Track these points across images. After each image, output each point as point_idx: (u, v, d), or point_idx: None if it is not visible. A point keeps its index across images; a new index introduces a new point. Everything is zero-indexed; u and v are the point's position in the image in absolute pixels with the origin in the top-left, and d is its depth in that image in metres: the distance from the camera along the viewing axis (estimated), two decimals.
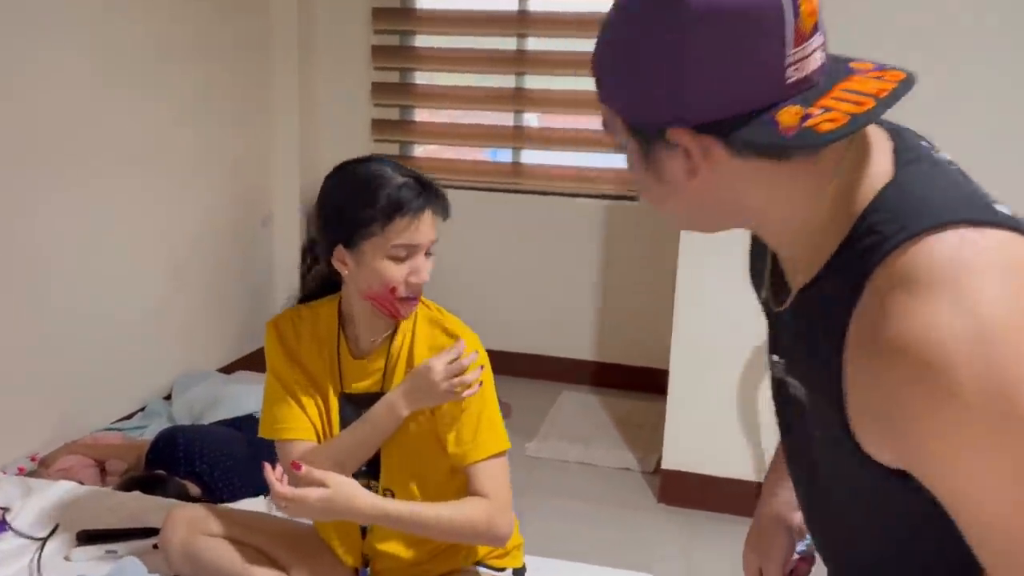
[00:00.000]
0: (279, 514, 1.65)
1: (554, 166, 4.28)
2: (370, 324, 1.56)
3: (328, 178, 1.56)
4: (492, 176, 4.32)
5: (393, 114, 4.43)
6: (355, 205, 1.48)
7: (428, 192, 1.49)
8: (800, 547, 1.24)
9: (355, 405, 1.59)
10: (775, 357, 0.98)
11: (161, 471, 2.53)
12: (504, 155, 4.37)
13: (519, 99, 4.25)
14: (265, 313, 4.43)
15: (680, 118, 0.80)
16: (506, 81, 4.25)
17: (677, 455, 3.21)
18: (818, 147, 0.79)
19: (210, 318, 3.98)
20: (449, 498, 1.57)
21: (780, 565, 1.21)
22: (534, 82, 4.22)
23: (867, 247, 0.77)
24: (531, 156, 4.33)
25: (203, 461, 2.57)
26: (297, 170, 4.35)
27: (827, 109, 0.78)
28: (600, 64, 0.89)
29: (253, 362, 4.26)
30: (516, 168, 4.32)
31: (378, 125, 4.41)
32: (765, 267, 1.00)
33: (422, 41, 4.36)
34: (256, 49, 4.13)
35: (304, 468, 1.39)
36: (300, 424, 1.59)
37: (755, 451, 3.11)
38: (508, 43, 4.21)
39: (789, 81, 0.78)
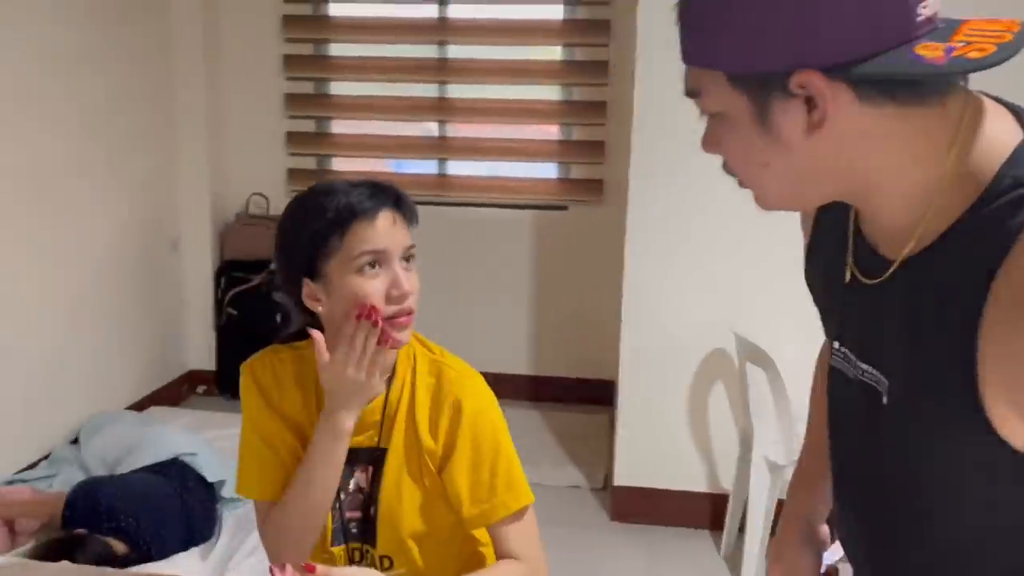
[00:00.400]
0: None
1: (481, 177, 4.16)
2: None
3: (282, 214, 1.39)
4: (417, 188, 4.15)
5: (309, 126, 4.22)
6: (306, 225, 1.32)
7: (383, 193, 1.33)
8: (827, 559, 1.20)
9: (348, 463, 1.40)
10: (839, 346, 0.93)
11: (81, 530, 2.28)
12: (429, 167, 4.22)
13: (443, 109, 4.12)
14: (177, 344, 4.15)
15: (806, 61, 0.75)
16: (428, 90, 4.10)
17: (628, 471, 3.14)
18: (972, 71, 0.75)
19: (117, 352, 3.69)
20: (452, 558, 1.42)
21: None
22: (457, 91, 4.09)
23: (1016, 199, 0.74)
24: (457, 167, 4.20)
25: (128, 515, 2.33)
26: (207, 188, 4.09)
27: (967, 43, 0.74)
28: (695, 19, 0.82)
29: (166, 398, 3.99)
30: (441, 180, 4.18)
31: (293, 138, 4.20)
32: (844, 246, 0.92)
33: (337, 50, 4.16)
34: (156, 59, 3.85)
35: (319, 569, 1.21)
36: (280, 483, 1.40)
37: (707, 462, 3.06)
38: (429, 51, 4.06)
39: (919, 18, 0.75)
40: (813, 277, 1.04)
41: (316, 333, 1.30)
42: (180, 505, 2.52)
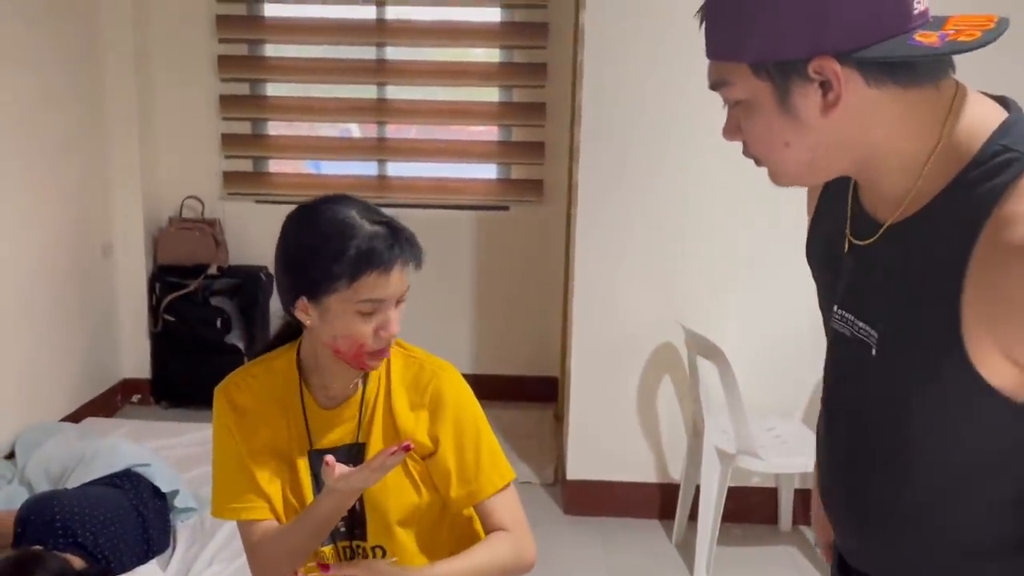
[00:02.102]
0: None
1: (421, 178, 4.17)
2: (341, 370, 1.40)
3: (290, 220, 1.39)
4: (356, 190, 4.09)
5: (245, 128, 4.15)
6: (320, 258, 1.32)
7: (400, 242, 1.34)
8: None
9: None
10: (837, 309, 1.04)
11: (37, 547, 2.20)
12: (368, 168, 4.21)
13: (382, 110, 4.11)
14: (111, 353, 4.03)
15: (822, 48, 0.86)
16: (367, 92, 4.09)
17: (580, 464, 3.20)
18: (964, 52, 0.87)
19: (48, 362, 3.56)
20: (445, 537, 1.47)
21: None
22: (396, 92, 4.08)
23: (1004, 161, 0.86)
24: (396, 168, 4.19)
25: (86, 529, 2.27)
26: (139, 192, 3.97)
27: (956, 30, 0.87)
28: (720, 19, 0.92)
29: (100, 408, 3.86)
30: (381, 181, 4.17)
31: (229, 140, 4.12)
32: (844, 222, 1.04)
33: (273, 51, 4.11)
34: (84, 59, 3.73)
35: (332, 568, 1.23)
36: (258, 502, 1.43)
37: (657, 453, 3.16)
38: (367, 53, 4.05)
39: (915, 11, 0.87)
40: (814, 251, 1.14)
41: (330, 459, 1.29)
42: (137, 517, 2.46)
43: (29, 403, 3.39)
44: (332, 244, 1.31)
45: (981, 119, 0.90)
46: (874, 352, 0.97)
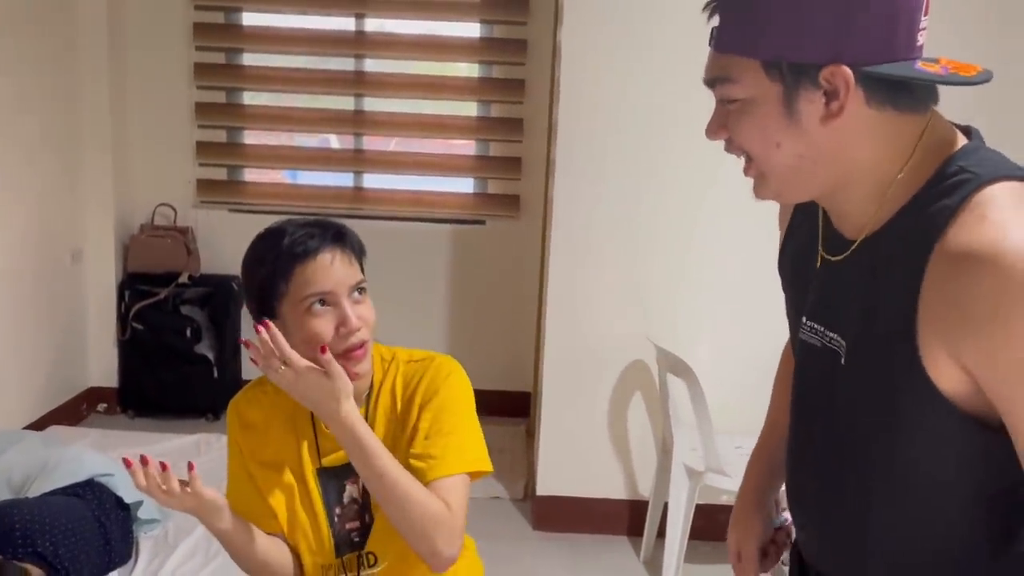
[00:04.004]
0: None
1: (397, 190, 4.16)
2: None
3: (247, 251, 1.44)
4: (332, 201, 4.13)
5: (220, 136, 4.12)
6: (257, 268, 1.38)
7: (326, 231, 1.37)
8: (777, 521, 1.34)
9: (339, 478, 1.42)
10: (807, 321, 1.07)
11: None
12: (345, 179, 4.20)
13: (359, 122, 4.10)
14: (78, 360, 3.97)
15: (840, 57, 0.88)
16: (345, 103, 4.08)
17: (550, 480, 3.20)
18: (965, 85, 0.91)
19: (13, 368, 3.50)
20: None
21: (757, 541, 1.32)
22: (374, 104, 4.08)
23: (959, 181, 0.90)
24: (373, 180, 4.19)
25: (46, 539, 2.22)
26: (111, 198, 3.94)
27: (952, 67, 0.91)
28: (736, 12, 0.92)
29: (65, 416, 3.80)
30: (358, 193, 4.16)
31: (204, 148, 4.09)
32: (815, 238, 1.07)
33: (251, 60, 4.09)
34: (59, 63, 3.69)
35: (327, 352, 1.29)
36: (264, 515, 1.44)
37: (626, 470, 3.16)
38: (346, 64, 4.05)
39: (918, 44, 0.90)
40: (785, 266, 1.17)
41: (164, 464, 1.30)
42: (98, 528, 2.41)
43: None
44: (262, 258, 1.36)
45: (946, 143, 0.95)
46: (843, 361, 1.00)
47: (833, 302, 1.03)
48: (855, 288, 0.99)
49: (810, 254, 1.07)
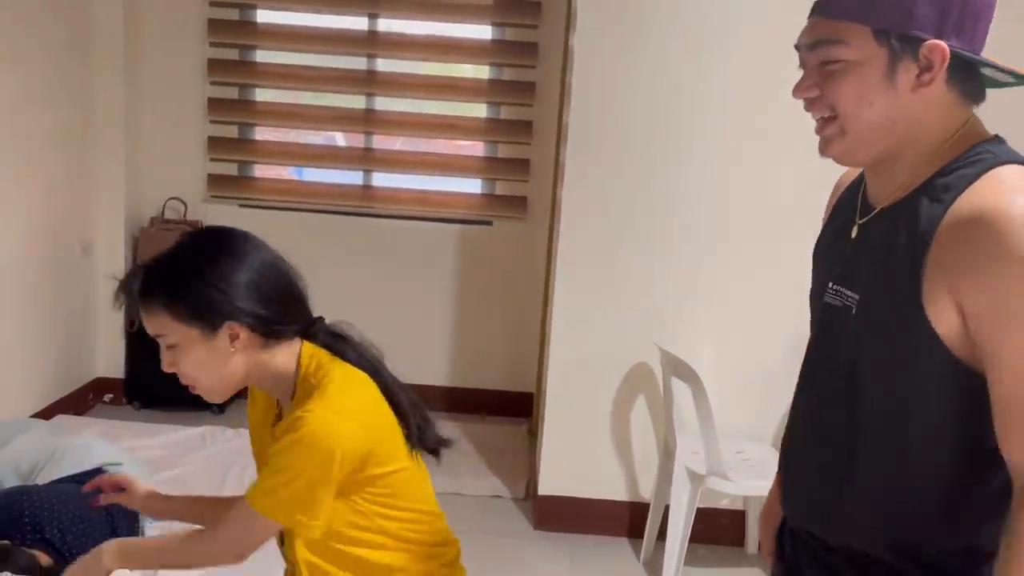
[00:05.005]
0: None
1: (406, 190, 4.19)
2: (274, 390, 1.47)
3: None
4: (341, 199, 4.16)
5: (231, 132, 4.15)
6: None
7: (121, 288, 1.40)
8: None
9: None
10: (832, 285, 1.18)
11: (5, 541, 2.18)
12: (354, 177, 4.22)
13: (369, 120, 4.13)
14: (86, 351, 4.00)
15: (944, 35, 1.03)
16: (355, 102, 4.11)
17: (552, 480, 3.22)
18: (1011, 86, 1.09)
19: (21, 358, 3.53)
20: (334, 553, 1.42)
21: (774, 529, 1.40)
22: (385, 103, 4.11)
23: (983, 158, 1.05)
24: (382, 179, 4.22)
25: (54, 526, 2.25)
26: (122, 192, 3.97)
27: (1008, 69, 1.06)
28: None
29: (71, 406, 3.83)
30: (366, 191, 4.19)
31: (215, 143, 4.12)
32: (853, 216, 1.19)
33: (264, 57, 4.13)
34: (74, 57, 3.73)
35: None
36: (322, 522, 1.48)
37: (628, 472, 3.19)
38: (358, 63, 4.08)
39: (984, 42, 1.06)
40: (821, 246, 1.28)
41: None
42: (105, 516, 2.44)
43: None
44: None
45: (977, 135, 1.09)
46: (854, 311, 1.12)
47: (855, 265, 1.15)
48: (874, 250, 1.11)
49: (847, 230, 1.19)
